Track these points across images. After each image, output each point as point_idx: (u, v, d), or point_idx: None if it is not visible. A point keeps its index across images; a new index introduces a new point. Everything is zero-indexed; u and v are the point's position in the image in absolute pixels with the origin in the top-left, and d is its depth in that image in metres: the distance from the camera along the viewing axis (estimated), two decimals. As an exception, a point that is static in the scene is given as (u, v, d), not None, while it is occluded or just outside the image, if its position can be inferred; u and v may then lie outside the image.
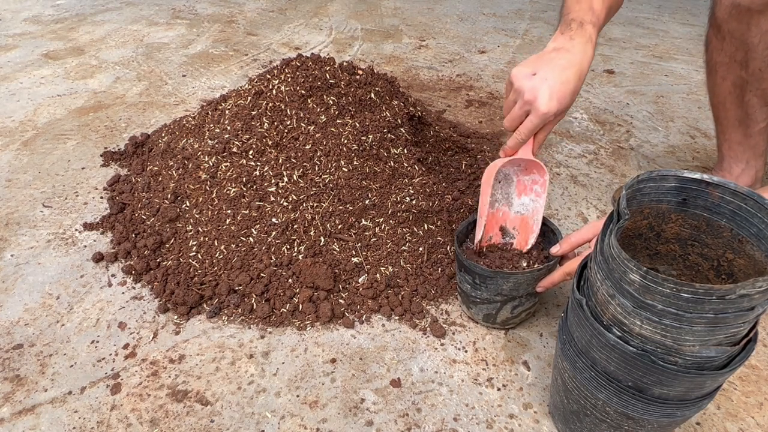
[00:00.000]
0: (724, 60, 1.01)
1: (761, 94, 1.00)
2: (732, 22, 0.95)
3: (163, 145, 1.23)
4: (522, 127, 0.80)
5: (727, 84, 1.03)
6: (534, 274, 0.80)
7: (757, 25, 0.92)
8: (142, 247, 1.01)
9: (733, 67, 1.00)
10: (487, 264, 0.84)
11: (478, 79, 1.86)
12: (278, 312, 0.90)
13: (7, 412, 0.76)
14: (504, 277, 0.79)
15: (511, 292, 0.81)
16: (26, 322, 0.89)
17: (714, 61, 1.04)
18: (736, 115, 1.06)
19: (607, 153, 1.43)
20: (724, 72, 1.02)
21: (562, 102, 0.77)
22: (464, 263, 0.81)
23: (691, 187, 0.59)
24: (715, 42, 1.01)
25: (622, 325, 0.55)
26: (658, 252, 0.65)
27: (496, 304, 0.84)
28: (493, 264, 0.84)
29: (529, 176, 0.88)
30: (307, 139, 1.05)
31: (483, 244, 0.89)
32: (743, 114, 1.05)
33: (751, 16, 0.91)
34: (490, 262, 0.84)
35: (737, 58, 0.98)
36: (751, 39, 0.94)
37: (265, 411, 0.76)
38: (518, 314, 0.86)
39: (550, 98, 0.76)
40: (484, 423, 0.75)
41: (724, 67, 1.02)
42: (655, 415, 0.58)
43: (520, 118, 0.80)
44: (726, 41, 0.98)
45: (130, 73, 1.83)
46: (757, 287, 0.46)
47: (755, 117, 1.04)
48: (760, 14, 0.90)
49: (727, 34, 0.97)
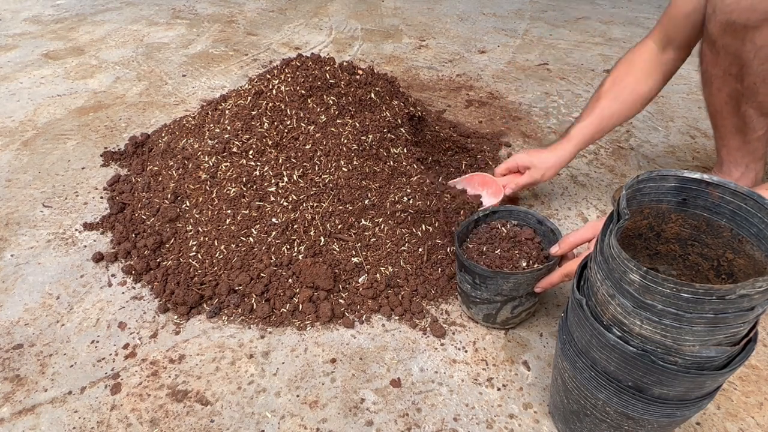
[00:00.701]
0: (718, 73, 1.01)
1: (757, 106, 1.00)
2: (726, 38, 0.94)
3: (163, 145, 1.23)
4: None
5: (722, 95, 1.03)
6: (534, 275, 0.79)
7: (751, 41, 0.91)
8: (142, 247, 1.01)
9: (728, 80, 1.00)
10: (488, 264, 0.84)
11: (478, 79, 1.86)
12: (278, 312, 0.90)
13: (7, 412, 0.76)
14: (504, 277, 0.79)
15: (511, 293, 0.81)
16: (26, 322, 0.89)
17: (709, 74, 1.03)
18: (733, 124, 1.06)
19: (607, 153, 1.43)
20: (719, 84, 1.02)
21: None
22: (465, 263, 0.81)
23: (691, 187, 0.59)
24: (709, 55, 1.00)
25: (622, 325, 0.55)
26: (658, 252, 0.65)
27: (497, 304, 0.84)
28: (493, 264, 0.84)
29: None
30: (307, 139, 1.05)
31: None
32: (741, 123, 1.05)
33: (746, 33, 0.91)
34: (490, 262, 0.84)
35: (732, 72, 0.98)
36: (746, 54, 0.93)
37: (265, 411, 0.76)
38: (518, 314, 0.86)
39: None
40: (484, 423, 0.75)
41: (719, 79, 1.01)
42: (655, 415, 0.58)
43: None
44: (720, 55, 0.97)
45: (130, 73, 1.83)
46: (757, 287, 0.46)
47: (753, 126, 1.04)
48: (755, 30, 0.90)
49: (722, 49, 0.96)
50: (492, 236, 0.89)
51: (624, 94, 1.06)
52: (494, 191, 1.13)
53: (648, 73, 1.05)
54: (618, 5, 2.79)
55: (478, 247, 0.88)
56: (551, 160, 1.08)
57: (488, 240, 0.89)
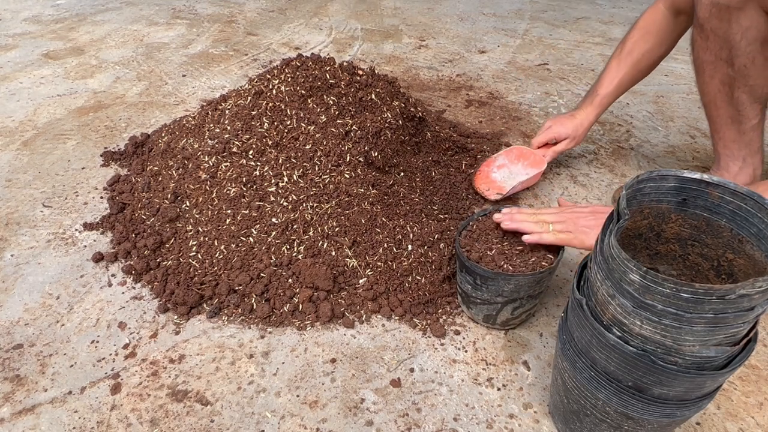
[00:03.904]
0: (710, 58, 1.02)
1: (749, 91, 1.01)
2: (713, 21, 0.96)
3: (163, 145, 1.23)
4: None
5: (715, 82, 1.04)
6: (536, 277, 0.79)
7: (737, 22, 0.93)
8: (142, 247, 1.01)
9: (719, 65, 1.02)
10: (489, 265, 0.84)
11: (478, 79, 1.86)
12: (278, 312, 0.90)
13: (7, 412, 0.76)
14: (505, 278, 0.79)
15: (512, 294, 0.81)
16: (26, 322, 0.89)
17: (701, 60, 1.05)
18: (727, 113, 1.07)
19: (607, 153, 1.43)
20: (711, 70, 1.04)
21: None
22: (465, 264, 0.81)
23: (691, 187, 0.59)
24: (699, 41, 1.02)
25: (622, 325, 0.55)
26: (658, 252, 0.65)
27: (497, 305, 0.84)
28: (494, 265, 0.84)
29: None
30: (307, 139, 1.05)
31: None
32: (734, 111, 1.06)
33: (730, 14, 0.93)
34: (491, 263, 0.84)
35: (722, 56, 1.00)
36: (733, 36, 0.95)
37: (265, 411, 0.76)
38: (518, 315, 0.86)
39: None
40: (484, 423, 0.75)
41: (711, 65, 1.03)
42: (655, 415, 0.58)
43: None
44: (710, 40, 0.99)
45: (130, 73, 1.83)
46: (757, 287, 0.46)
47: (746, 113, 1.05)
48: (739, 11, 0.92)
49: (710, 33, 0.98)
50: (494, 235, 0.89)
51: (643, 62, 1.16)
52: (532, 162, 1.24)
53: (662, 40, 1.13)
54: (618, 5, 2.79)
55: (478, 246, 0.88)
56: (584, 125, 1.21)
57: (489, 238, 0.89)
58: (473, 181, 1.21)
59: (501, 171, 1.24)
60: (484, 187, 1.19)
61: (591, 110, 1.20)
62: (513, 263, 0.84)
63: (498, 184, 1.21)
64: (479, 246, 0.87)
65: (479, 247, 0.87)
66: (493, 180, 1.22)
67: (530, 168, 1.23)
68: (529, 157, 1.24)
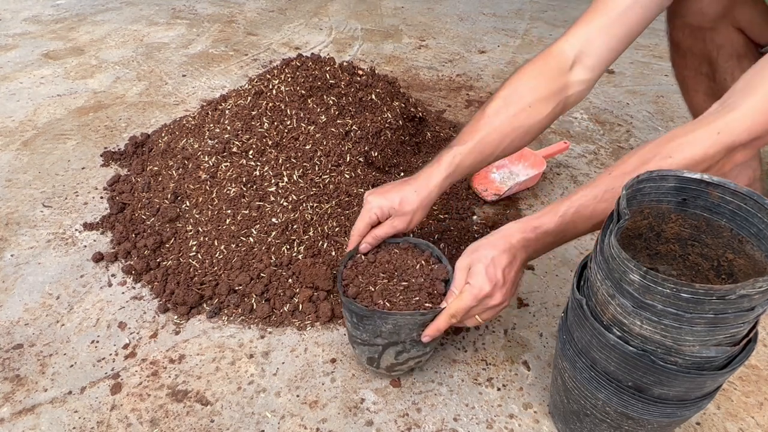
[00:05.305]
0: (690, 74, 1.03)
1: None
2: (688, 40, 0.97)
3: (163, 145, 1.23)
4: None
5: (699, 95, 1.05)
6: (416, 318, 0.68)
7: (711, 40, 0.93)
8: (142, 247, 1.01)
9: (700, 80, 1.02)
10: (365, 301, 0.72)
11: (478, 79, 1.86)
12: (278, 312, 0.90)
13: (7, 412, 0.76)
14: (381, 317, 0.68)
15: (391, 336, 0.70)
16: (26, 322, 0.89)
17: (682, 76, 1.06)
18: None
19: (607, 153, 1.43)
20: (694, 85, 1.04)
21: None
22: (342, 299, 0.72)
23: (691, 187, 0.59)
24: (678, 60, 1.03)
25: (622, 325, 0.55)
26: (658, 252, 0.65)
27: (378, 348, 0.73)
28: (370, 302, 0.72)
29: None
30: (307, 139, 1.05)
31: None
32: None
33: (704, 33, 0.93)
34: (367, 299, 0.72)
35: (702, 71, 1.00)
36: (711, 53, 0.96)
37: (265, 411, 0.76)
38: (404, 361, 0.75)
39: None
40: (484, 423, 0.75)
41: (693, 80, 1.03)
42: (655, 415, 0.58)
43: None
44: (688, 57, 1.00)
45: (130, 73, 1.83)
46: (757, 287, 0.46)
47: None
48: (712, 30, 0.92)
49: (687, 51, 0.99)
50: (382, 269, 0.76)
51: (514, 122, 0.79)
52: (533, 163, 1.23)
53: (547, 99, 0.80)
54: (618, 5, 2.79)
55: (361, 280, 0.75)
56: (416, 201, 0.77)
57: (376, 272, 0.76)
58: (471, 181, 1.21)
59: (501, 171, 1.24)
60: (482, 188, 1.19)
61: (437, 177, 0.78)
62: (393, 300, 0.72)
63: (496, 185, 1.21)
64: (361, 280, 0.75)
65: (361, 281, 0.75)
66: (492, 180, 1.22)
67: (531, 168, 1.23)
68: (529, 157, 1.25)
